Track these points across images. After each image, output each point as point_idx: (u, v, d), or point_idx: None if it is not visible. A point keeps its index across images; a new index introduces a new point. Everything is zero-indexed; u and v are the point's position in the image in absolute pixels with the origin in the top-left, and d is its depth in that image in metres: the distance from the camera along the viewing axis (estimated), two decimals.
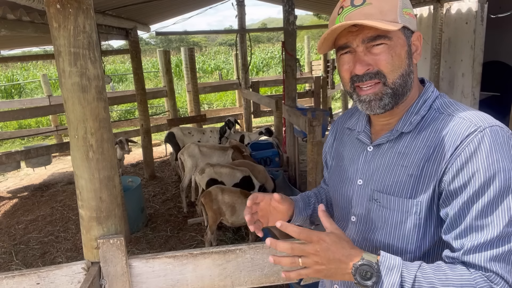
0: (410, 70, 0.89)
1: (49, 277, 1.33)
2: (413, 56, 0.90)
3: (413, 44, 0.90)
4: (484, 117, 0.84)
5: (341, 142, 1.12)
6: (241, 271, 1.41)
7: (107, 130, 1.35)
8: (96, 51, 1.29)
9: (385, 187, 0.92)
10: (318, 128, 3.83)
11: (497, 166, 0.76)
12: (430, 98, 0.92)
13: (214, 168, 4.04)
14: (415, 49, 0.91)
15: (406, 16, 0.87)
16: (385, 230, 0.92)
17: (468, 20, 5.07)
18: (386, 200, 0.91)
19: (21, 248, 4.11)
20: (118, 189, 1.42)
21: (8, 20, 2.84)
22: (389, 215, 0.91)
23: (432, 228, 0.88)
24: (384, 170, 0.93)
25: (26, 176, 6.71)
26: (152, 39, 33.11)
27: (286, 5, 4.53)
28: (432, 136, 0.87)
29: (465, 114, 0.85)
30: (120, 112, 11.35)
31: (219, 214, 3.42)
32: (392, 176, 0.91)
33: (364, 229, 0.97)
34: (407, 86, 0.90)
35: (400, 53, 0.87)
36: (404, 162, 0.89)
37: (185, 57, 8.26)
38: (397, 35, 0.86)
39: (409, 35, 0.89)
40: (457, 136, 0.82)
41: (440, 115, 0.89)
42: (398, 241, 0.90)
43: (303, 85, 10.07)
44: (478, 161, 0.78)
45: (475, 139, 0.80)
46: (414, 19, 0.89)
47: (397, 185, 0.89)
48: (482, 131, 0.80)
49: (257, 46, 24.24)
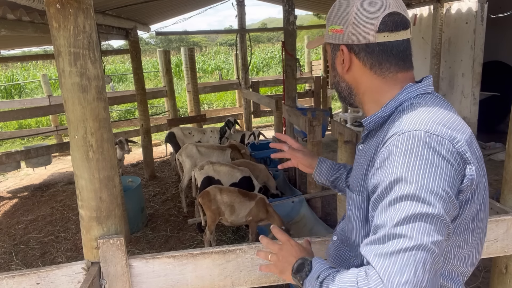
0: (337, 80, 1.03)
1: (49, 277, 1.33)
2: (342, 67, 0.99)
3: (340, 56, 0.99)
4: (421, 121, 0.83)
5: None
6: (241, 271, 1.41)
7: (107, 130, 1.35)
8: (96, 51, 1.29)
9: (351, 183, 1.05)
10: (318, 128, 3.83)
11: (397, 173, 0.77)
12: (399, 100, 0.93)
13: (213, 166, 4.04)
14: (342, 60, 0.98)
15: (330, 33, 0.99)
16: (347, 223, 1.04)
17: (468, 20, 5.07)
18: (349, 195, 1.03)
19: (21, 248, 4.10)
20: (118, 189, 1.42)
21: (8, 20, 2.84)
22: (348, 209, 1.02)
23: None
24: (354, 167, 1.06)
25: (26, 176, 6.71)
26: (152, 39, 33.12)
27: (286, 5, 4.53)
28: (383, 137, 0.92)
29: (407, 117, 0.86)
30: (120, 112, 11.34)
31: (218, 214, 3.41)
32: (355, 173, 1.03)
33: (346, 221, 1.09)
34: (342, 91, 1.03)
35: (330, 64, 1.05)
36: (363, 160, 0.99)
37: (185, 57, 8.26)
38: (328, 50, 1.04)
39: (334, 49, 1.00)
40: (384, 139, 0.87)
41: (398, 116, 0.91)
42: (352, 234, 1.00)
43: (303, 85, 10.07)
44: (386, 166, 0.81)
45: (390, 144, 0.82)
46: (338, 33, 0.96)
47: (355, 181, 1.01)
48: (400, 135, 0.81)
49: (257, 46, 24.24)
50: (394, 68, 0.94)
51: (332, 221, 4.05)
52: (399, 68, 0.94)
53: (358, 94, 1.00)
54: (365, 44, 0.93)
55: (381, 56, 0.93)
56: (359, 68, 0.96)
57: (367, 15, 0.91)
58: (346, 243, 1.05)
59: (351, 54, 0.96)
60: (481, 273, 2.96)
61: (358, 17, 0.92)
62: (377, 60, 0.94)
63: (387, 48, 0.93)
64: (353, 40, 0.94)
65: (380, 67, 0.94)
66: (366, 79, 0.97)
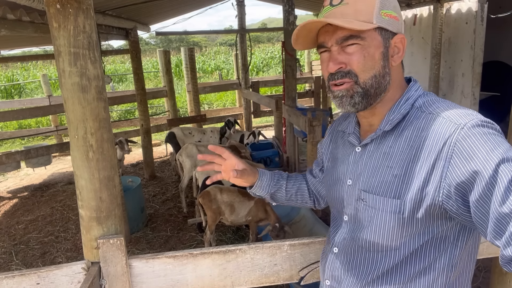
0: (386, 72, 0.90)
1: (49, 277, 1.33)
2: (392, 59, 0.90)
3: (395, 46, 0.90)
4: (465, 113, 0.83)
5: (335, 144, 1.14)
6: (241, 271, 1.41)
7: (107, 130, 1.35)
8: (96, 51, 1.29)
9: (371, 187, 0.93)
10: (318, 128, 3.83)
11: (494, 159, 0.73)
12: (412, 97, 0.92)
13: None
14: (397, 51, 0.91)
15: (385, 18, 0.86)
16: (371, 229, 0.94)
17: (468, 20, 5.07)
18: (372, 199, 0.93)
19: (21, 248, 4.10)
20: (118, 189, 1.42)
21: (8, 20, 2.84)
22: (375, 214, 0.92)
23: (419, 226, 0.88)
24: (370, 170, 0.95)
25: (26, 176, 6.71)
26: (152, 39, 33.12)
27: (286, 5, 4.53)
28: (414, 135, 0.87)
29: (446, 113, 0.85)
30: (120, 112, 11.34)
31: (218, 213, 3.42)
32: (378, 176, 0.92)
33: (353, 228, 1.00)
34: (381, 87, 0.90)
35: (373, 54, 0.87)
36: (388, 162, 0.91)
37: (185, 57, 8.26)
38: (371, 35, 0.86)
39: (387, 36, 0.89)
40: (439, 137, 0.82)
41: (422, 113, 0.89)
42: (383, 240, 0.92)
43: (303, 85, 10.07)
44: (475, 159, 0.75)
45: (459, 136, 0.79)
46: (397, 21, 0.89)
47: (382, 184, 0.91)
48: (462, 128, 0.79)
49: (257, 46, 24.24)
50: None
51: None
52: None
53: (389, 90, 0.93)
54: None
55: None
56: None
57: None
58: (366, 251, 0.97)
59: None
60: (481, 273, 2.96)
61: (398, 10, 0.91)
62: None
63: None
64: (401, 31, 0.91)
65: (402, 63, 0.95)
66: (399, 73, 0.95)
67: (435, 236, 0.89)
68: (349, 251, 1.02)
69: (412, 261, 0.91)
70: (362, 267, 0.98)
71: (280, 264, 1.43)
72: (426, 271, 0.91)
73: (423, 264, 0.90)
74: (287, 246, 1.42)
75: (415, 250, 0.90)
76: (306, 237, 1.45)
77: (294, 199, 1.30)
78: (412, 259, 0.91)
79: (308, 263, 1.43)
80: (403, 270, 0.92)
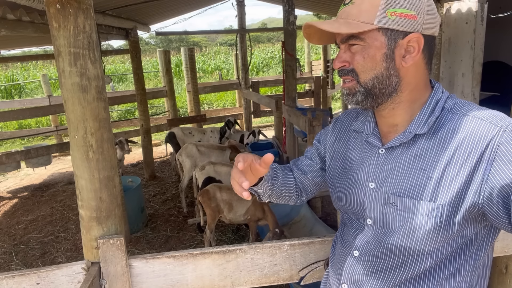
0: (390, 74, 0.87)
1: (49, 277, 1.33)
2: (403, 59, 0.86)
3: (409, 46, 0.86)
4: (500, 116, 0.84)
5: (346, 144, 1.09)
6: (241, 271, 1.41)
7: (107, 130, 1.35)
8: (96, 51, 1.29)
9: (402, 190, 0.90)
10: (318, 128, 3.83)
11: None
12: (442, 98, 0.90)
13: (214, 166, 4.04)
14: (412, 51, 0.86)
15: (392, 17, 0.83)
16: (403, 233, 0.90)
17: (468, 20, 5.07)
18: (404, 203, 0.89)
19: (21, 248, 4.10)
20: (118, 189, 1.42)
21: (8, 20, 2.84)
22: (407, 218, 0.89)
23: (455, 230, 0.86)
24: (400, 172, 0.91)
25: (26, 176, 6.71)
26: (152, 39, 33.13)
27: (286, 5, 4.53)
28: (450, 137, 0.85)
29: (481, 115, 0.84)
30: (120, 112, 11.34)
31: (217, 211, 3.43)
32: (410, 179, 0.89)
33: (380, 232, 0.96)
34: (386, 88, 0.88)
35: (374, 55, 0.86)
36: (421, 164, 0.88)
37: (185, 57, 8.26)
38: (372, 36, 0.85)
39: (395, 37, 0.85)
40: (480, 139, 0.81)
41: (454, 115, 0.87)
42: (416, 244, 0.89)
43: (303, 85, 10.07)
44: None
45: (502, 139, 0.79)
46: (411, 19, 0.84)
47: (415, 188, 0.88)
48: (505, 130, 0.79)
49: (257, 46, 24.24)
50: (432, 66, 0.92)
51: (332, 221, 4.05)
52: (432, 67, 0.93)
53: (403, 91, 0.89)
54: (432, 35, 0.87)
55: (433, 51, 0.90)
56: (419, 61, 0.88)
57: (434, 6, 0.87)
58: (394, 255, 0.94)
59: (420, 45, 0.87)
60: None
61: (431, 6, 0.85)
62: (431, 54, 0.90)
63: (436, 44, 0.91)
64: (424, 30, 0.85)
65: (430, 63, 0.91)
66: (419, 74, 0.90)
67: (467, 239, 0.88)
68: (374, 254, 0.98)
69: (443, 266, 0.90)
70: (388, 271, 0.96)
71: (280, 264, 1.43)
72: (454, 275, 0.90)
73: (452, 268, 0.90)
74: (287, 246, 1.42)
75: (447, 254, 0.89)
76: (306, 237, 1.45)
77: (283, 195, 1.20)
78: (444, 264, 0.90)
79: (308, 263, 1.43)
80: (433, 274, 0.91)
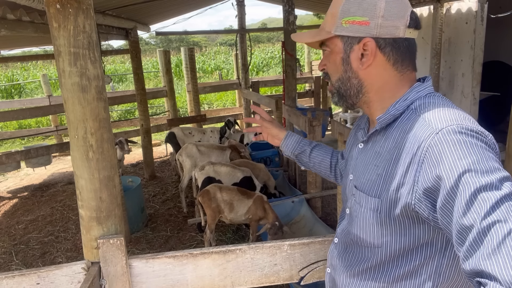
0: (349, 76, 0.96)
1: (49, 277, 1.33)
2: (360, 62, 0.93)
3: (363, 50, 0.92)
4: (449, 118, 0.81)
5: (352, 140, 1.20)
6: (241, 271, 1.41)
7: (107, 130, 1.35)
8: (96, 51, 1.29)
9: (360, 184, 0.98)
10: (318, 128, 3.83)
11: (460, 168, 0.72)
12: (410, 98, 0.92)
13: (214, 166, 4.04)
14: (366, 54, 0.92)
15: (345, 25, 0.92)
16: (358, 224, 0.99)
17: (468, 20, 5.07)
18: (359, 196, 0.98)
19: (21, 248, 4.10)
20: (118, 189, 1.42)
21: (8, 20, 2.84)
22: (360, 211, 0.98)
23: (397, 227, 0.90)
24: (362, 167, 1.00)
25: (26, 176, 6.71)
26: (152, 39, 33.11)
27: (286, 5, 4.53)
28: (400, 137, 0.89)
29: (431, 116, 0.84)
30: (120, 112, 11.34)
31: (218, 212, 3.43)
32: (366, 174, 0.97)
33: (349, 222, 1.06)
34: (350, 89, 0.97)
35: (335, 59, 0.97)
36: (376, 161, 0.94)
37: (185, 57, 8.26)
38: (334, 43, 0.96)
39: (351, 42, 0.93)
40: (415, 141, 0.83)
41: (413, 115, 0.89)
42: (366, 236, 0.97)
43: (303, 85, 10.07)
44: (441, 166, 0.75)
45: (432, 142, 0.78)
46: (363, 25, 0.90)
47: (367, 183, 0.95)
48: (437, 133, 0.78)
49: (257, 46, 24.24)
50: (411, 67, 0.94)
51: (332, 221, 4.05)
52: (413, 67, 0.95)
53: (369, 92, 0.96)
54: (393, 38, 0.90)
55: (405, 53, 0.92)
56: (381, 63, 0.93)
57: (397, 9, 0.89)
58: (356, 244, 1.02)
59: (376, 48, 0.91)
60: None
61: (389, 10, 0.88)
62: (401, 56, 0.92)
63: (410, 45, 0.93)
64: (380, 34, 0.90)
65: (402, 64, 0.93)
66: (386, 75, 0.94)
67: (420, 241, 0.89)
68: (344, 242, 1.08)
69: (397, 262, 0.93)
70: (351, 259, 1.04)
71: (280, 264, 1.43)
72: (412, 275, 0.92)
73: (408, 267, 0.92)
74: (287, 246, 1.42)
75: (399, 251, 0.92)
76: (306, 237, 1.45)
77: (318, 169, 1.39)
78: (397, 261, 0.93)
79: (308, 263, 1.43)
80: (388, 269, 0.95)
